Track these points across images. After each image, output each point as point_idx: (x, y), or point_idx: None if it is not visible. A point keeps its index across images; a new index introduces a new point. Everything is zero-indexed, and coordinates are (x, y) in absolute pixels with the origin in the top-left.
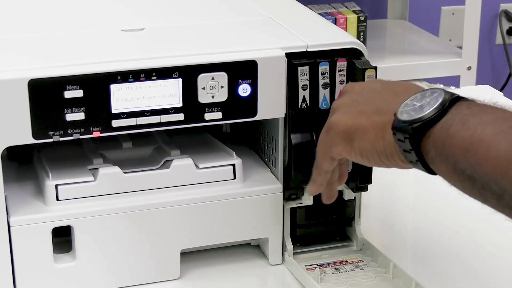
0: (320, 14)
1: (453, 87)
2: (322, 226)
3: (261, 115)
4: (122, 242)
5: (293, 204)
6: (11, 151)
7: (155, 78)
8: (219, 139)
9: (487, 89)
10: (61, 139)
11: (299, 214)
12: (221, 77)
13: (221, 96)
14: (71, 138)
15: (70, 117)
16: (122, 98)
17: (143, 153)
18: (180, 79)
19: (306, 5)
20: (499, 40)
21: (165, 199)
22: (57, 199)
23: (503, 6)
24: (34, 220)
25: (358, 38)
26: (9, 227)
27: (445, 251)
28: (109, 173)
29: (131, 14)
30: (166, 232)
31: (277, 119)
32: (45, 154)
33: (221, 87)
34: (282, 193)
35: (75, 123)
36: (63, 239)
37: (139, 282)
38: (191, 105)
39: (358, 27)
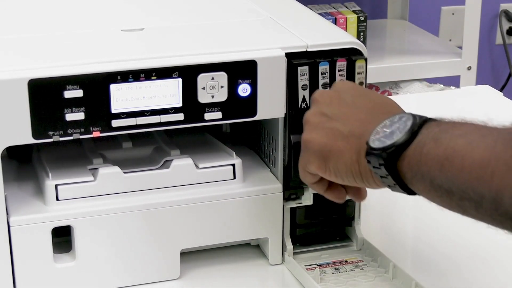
0: (320, 14)
1: (453, 87)
2: (322, 226)
3: (261, 115)
4: (122, 242)
5: (293, 204)
6: (10, 150)
7: (155, 78)
8: (219, 139)
9: (487, 89)
10: (61, 139)
11: (299, 214)
12: (221, 77)
13: (221, 96)
14: (71, 138)
15: (70, 117)
16: (122, 98)
17: (143, 153)
18: (180, 79)
19: (306, 5)
20: (499, 40)
21: (165, 199)
22: (57, 199)
23: (503, 6)
24: (34, 220)
25: (358, 38)
26: (9, 227)
27: (445, 251)
28: (109, 173)
29: (131, 14)
30: (166, 232)
31: (277, 119)
32: (45, 153)
33: (221, 87)
34: (282, 193)
35: (75, 123)
36: (63, 239)
37: (139, 282)
38: (191, 105)
39: (358, 27)
